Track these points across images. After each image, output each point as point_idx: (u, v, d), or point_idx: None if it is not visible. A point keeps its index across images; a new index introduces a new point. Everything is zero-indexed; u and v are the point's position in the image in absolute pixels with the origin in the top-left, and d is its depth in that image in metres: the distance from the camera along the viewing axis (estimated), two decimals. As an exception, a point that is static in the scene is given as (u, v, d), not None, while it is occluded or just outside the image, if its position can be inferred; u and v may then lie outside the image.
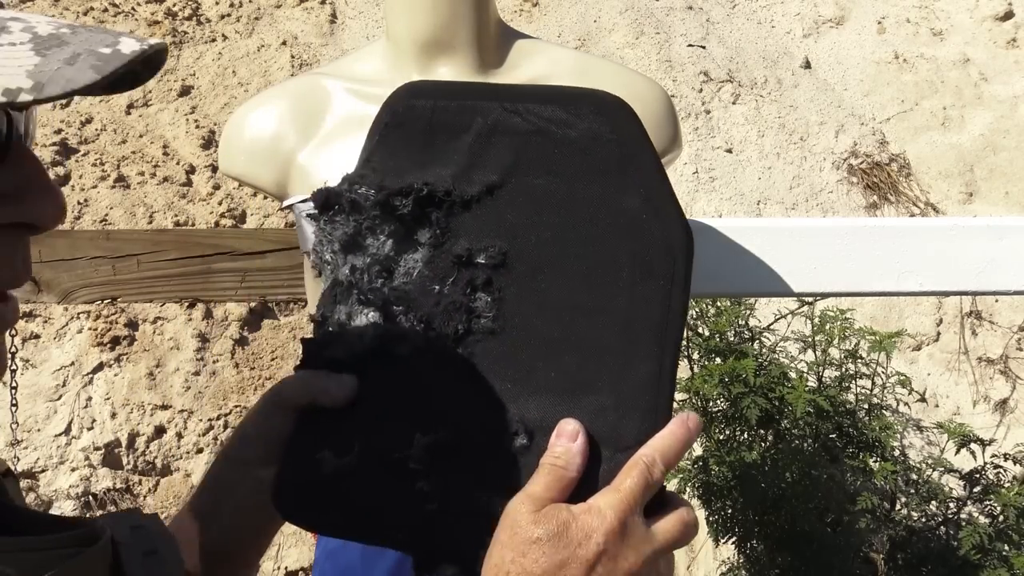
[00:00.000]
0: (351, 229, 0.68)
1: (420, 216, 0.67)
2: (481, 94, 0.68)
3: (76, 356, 2.63)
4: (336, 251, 0.69)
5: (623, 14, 4.02)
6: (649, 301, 0.61)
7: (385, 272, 0.67)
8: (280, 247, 1.34)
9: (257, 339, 2.83)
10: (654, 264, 0.61)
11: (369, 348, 0.66)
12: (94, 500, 2.44)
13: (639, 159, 0.62)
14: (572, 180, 0.63)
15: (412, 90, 0.70)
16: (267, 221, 3.07)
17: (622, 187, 0.62)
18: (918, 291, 1.03)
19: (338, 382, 0.66)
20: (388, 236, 0.67)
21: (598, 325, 0.62)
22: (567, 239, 0.63)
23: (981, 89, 4.00)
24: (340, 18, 3.94)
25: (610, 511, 0.55)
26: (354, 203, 0.68)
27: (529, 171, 0.65)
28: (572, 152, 0.64)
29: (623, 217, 0.62)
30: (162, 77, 3.43)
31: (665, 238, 0.61)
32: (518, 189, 0.65)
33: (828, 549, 1.95)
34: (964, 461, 2.11)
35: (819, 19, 4.27)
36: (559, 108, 0.64)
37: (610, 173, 0.62)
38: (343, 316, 0.68)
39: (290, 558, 2.51)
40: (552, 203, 0.64)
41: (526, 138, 0.65)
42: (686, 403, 2.19)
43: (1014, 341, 3.25)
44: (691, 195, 3.50)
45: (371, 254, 0.68)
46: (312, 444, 0.66)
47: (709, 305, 2.22)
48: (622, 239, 0.62)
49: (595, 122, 0.63)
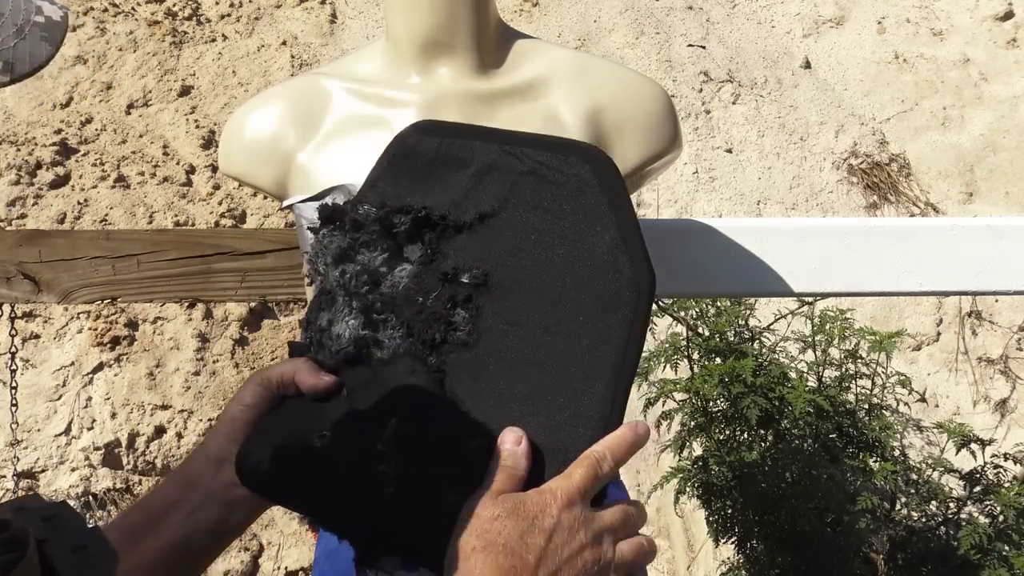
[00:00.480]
0: (346, 243, 0.75)
1: (414, 235, 0.73)
2: (484, 136, 0.76)
3: (76, 356, 2.63)
4: (328, 263, 0.75)
5: (623, 14, 4.02)
6: (612, 330, 0.68)
7: (372, 282, 0.73)
8: (280, 247, 1.34)
9: (257, 339, 2.83)
10: (620, 298, 0.68)
11: (348, 352, 0.72)
12: (94, 500, 2.44)
13: (617, 205, 0.70)
14: (557, 217, 0.71)
15: (423, 127, 0.78)
16: (267, 221, 3.08)
17: (600, 228, 0.69)
18: (918, 291, 1.03)
19: (320, 373, 0.72)
20: (381, 252, 0.74)
21: (564, 347, 0.68)
22: (545, 268, 0.70)
23: (981, 89, 4.00)
24: (340, 18, 3.94)
25: (560, 492, 0.61)
26: (356, 222, 0.74)
27: (519, 206, 0.72)
28: (559, 193, 0.71)
29: (598, 254, 0.69)
30: (162, 77, 3.43)
31: (633, 276, 0.68)
32: (507, 220, 0.72)
33: (828, 549, 1.95)
34: (964, 461, 2.11)
35: (819, 19, 4.27)
36: (552, 154, 0.72)
37: (591, 215, 0.70)
38: (324, 322, 0.74)
39: (290, 558, 2.51)
40: (536, 235, 0.71)
41: (520, 177, 0.72)
42: (686, 403, 2.19)
43: (1014, 341, 3.25)
44: (691, 195, 3.50)
45: (362, 264, 0.74)
46: (286, 422, 0.71)
47: (709, 305, 2.22)
48: (594, 273, 0.69)
49: (583, 170, 0.71)
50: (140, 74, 3.42)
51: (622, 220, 0.69)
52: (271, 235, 1.39)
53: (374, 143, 0.99)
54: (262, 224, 3.05)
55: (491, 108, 0.98)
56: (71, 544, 0.49)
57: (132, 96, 3.35)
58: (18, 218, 2.84)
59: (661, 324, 2.38)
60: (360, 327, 0.72)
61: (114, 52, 3.46)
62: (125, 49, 3.48)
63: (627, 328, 0.67)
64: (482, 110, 0.98)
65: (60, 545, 0.49)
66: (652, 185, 3.40)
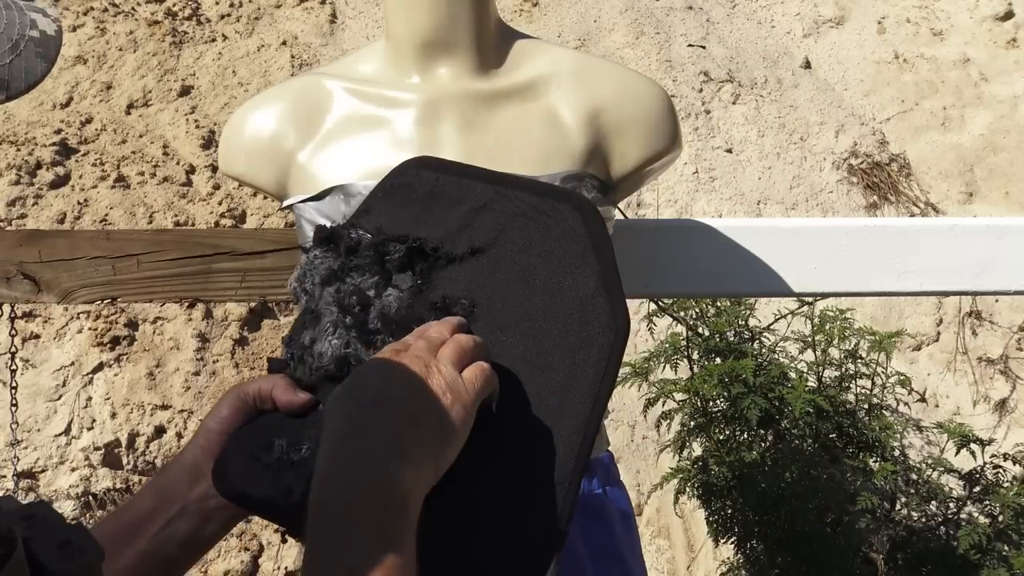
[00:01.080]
0: (336, 266, 0.77)
1: (405, 265, 0.76)
2: (481, 177, 0.79)
3: (76, 356, 2.63)
4: (316, 283, 0.78)
5: (623, 14, 4.02)
6: (587, 365, 0.71)
7: (362, 304, 0.76)
8: (280, 247, 1.34)
9: (257, 339, 2.83)
10: (596, 337, 0.71)
11: (328, 370, 0.74)
12: (94, 500, 2.44)
13: (600, 251, 0.73)
14: (543, 258, 0.74)
15: (421, 163, 0.81)
16: (267, 221, 3.08)
17: (583, 271, 0.73)
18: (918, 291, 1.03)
19: (297, 390, 0.74)
20: (371, 276, 0.76)
21: (542, 379, 0.72)
22: (529, 304, 0.74)
23: (981, 89, 4.00)
24: (340, 18, 3.94)
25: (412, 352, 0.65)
26: (350, 247, 0.77)
27: (509, 244, 0.75)
28: (548, 236, 0.75)
29: (579, 295, 0.72)
30: (162, 77, 3.43)
31: (611, 317, 0.71)
32: (496, 257, 0.76)
33: (828, 549, 1.95)
34: (964, 461, 2.11)
35: (819, 19, 4.27)
36: (544, 200, 0.76)
37: (576, 259, 0.73)
38: (307, 340, 0.76)
39: (290, 558, 2.51)
40: (522, 274, 0.74)
41: (512, 218, 0.76)
42: (686, 403, 2.19)
43: (1014, 341, 3.25)
44: (691, 195, 3.50)
45: (353, 285, 0.76)
46: (264, 434, 0.73)
47: (709, 305, 2.22)
48: (574, 312, 0.72)
49: (572, 217, 0.74)
50: (140, 74, 3.42)
51: (605, 266, 0.72)
52: (271, 235, 1.39)
53: (374, 143, 0.99)
54: (262, 224, 3.05)
55: (491, 108, 0.98)
56: (55, 541, 0.49)
57: (132, 96, 3.35)
58: (18, 218, 2.84)
59: (661, 324, 2.38)
60: (343, 346, 0.74)
61: (114, 52, 3.46)
62: (125, 49, 3.48)
63: (601, 367, 0.70)
64: (482, 110, 0.98)
65: (44, 542, 0.49)
66: (652, 185, 3.40)
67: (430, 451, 0.61)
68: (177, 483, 0.73)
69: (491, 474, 0.68)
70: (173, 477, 0.74)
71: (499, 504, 0.68)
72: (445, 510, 0.65)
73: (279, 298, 2.64)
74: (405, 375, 0.63)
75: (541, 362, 0.71)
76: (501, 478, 0.69)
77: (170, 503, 0.72)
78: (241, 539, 2.49)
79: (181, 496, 0.72)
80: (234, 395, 0.75)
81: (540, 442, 0.70)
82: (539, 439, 0.70)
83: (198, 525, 0.72)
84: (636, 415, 2.85)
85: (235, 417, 0.74)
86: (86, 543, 0.50)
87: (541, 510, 0.68)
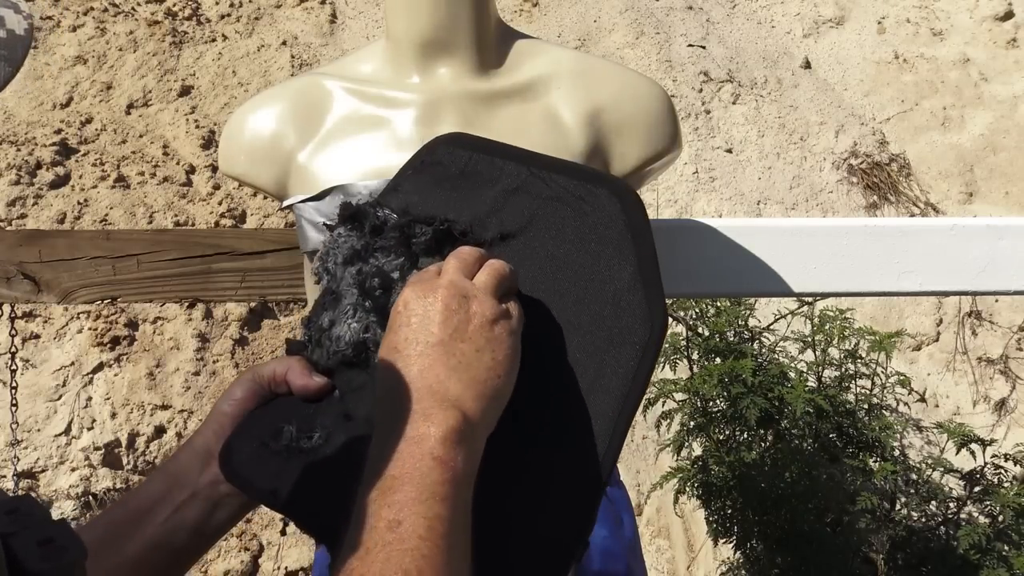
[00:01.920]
0: (359, 245, 0.73)
1: (431, 248, 0.72)
2: (515, 157, 0.74)
3: (76, 356, 2.63)
4: (339, 263, 0.74)
5: (623, 14, 4.02)
6: (621, 363, 0.67)
7: (383, 287, 0.71)
8: (280, 247, 1.34)
9: (257, 339, 2.83)
10: (633, 333, 0.67)
11: (346, 354, 0.71)
12: (94, 500, 2.44)
13: (639, 241, 0.69)
14: (577, 246, 0.70)
15: (454, 140, 0.77)
16: (267, 221, 3.08)
17: (620, 261, 0.69)
18: (918, 291, 1.03)
19: (312, 374, 0.71)
20: (396, 257, 0.72)
21: (571, 374, 0.68)
22: (560, 294, 0.70)
23: (981, 89, 4.00)
24: (340, 18, 3.94)
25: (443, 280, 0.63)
26: (375, 226, 0.73)
27: (541, 230, 0.71)
28: (583, 223, 0.70)
29: (614, 287, 0.68)
30: (162, 77, 3.43)
31: (648, 312, 0.67)
32: (528, 243, 0.71)
33: (828, 549, 1.95)
34: (964, 461, 2.11)
35: (819, 19, 4.27)
36: (580, 183, 0.71)
37: (612, 248, 0.69)
38: (326, 322, 0.72)
39: (290, 558, 2.51)
40: (555, 262, 0.70)
41: (545, 202, 0.71)
42: (686, 403, 2.19)
43: (1014, 341, 3.25)
44: (691, 195, 3.50)
45: (375, 267, 0.72)
46: (274, 419, 0.70)
47: (709, 305, 2.22)
48: (608, 305, 0.68)
49: (609, 202, 0.70)
50: (140, 74, 3.42)
51: (643, 257, 0.68)
52: (271, 235, 1.39)
53: (374, 143, 0.99)
54: (262, 224, 3.05)
55: (491, 108, 0.98)
56: (36, 538, 0.47)
57: (132, 96, 3.35)
58: (18, 218, 2.84)
59: (661, 324, 2.37)
60: (363, 330, 0.71)
61: (114, 52, 3.46)
62: (125, 49, 3.48)
63: (635, 364, 0.66)
64: (482, 110, 0.98)
65: (25, 538, 0.47)
66: (652, 185, 3.40)
67: (484, 393, 0.59)
68: (188, 468, 0.71)
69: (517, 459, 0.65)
70: (184, 462, 0.71)
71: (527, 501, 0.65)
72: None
73: (279, 298, 2.64)
74: (444, 311, 0.60)
75: (571, 357, 0.68)
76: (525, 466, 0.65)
77: (180, 488, 0.70)
78: (241, 539, 2.49)
79: (191, 481, 0.70)
80: (249, 377, 0.73)
81: (568, 439, 0.67)
82: (567, 438, 0.67)
83: (208, 511, 0.70)
84: (636, 415, 2.85)
85: (249, 400, 0.72)
86: (69, 541, 0.48)
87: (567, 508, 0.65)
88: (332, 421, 0.70)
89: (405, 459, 0.55)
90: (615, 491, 1.10)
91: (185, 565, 0.72)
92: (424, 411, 0.57)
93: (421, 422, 0.56)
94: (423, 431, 0.56)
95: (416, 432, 0.56)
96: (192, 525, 0.70)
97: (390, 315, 0.63)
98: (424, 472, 0.54)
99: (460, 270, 0.63)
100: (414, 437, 0.56)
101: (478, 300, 0.61)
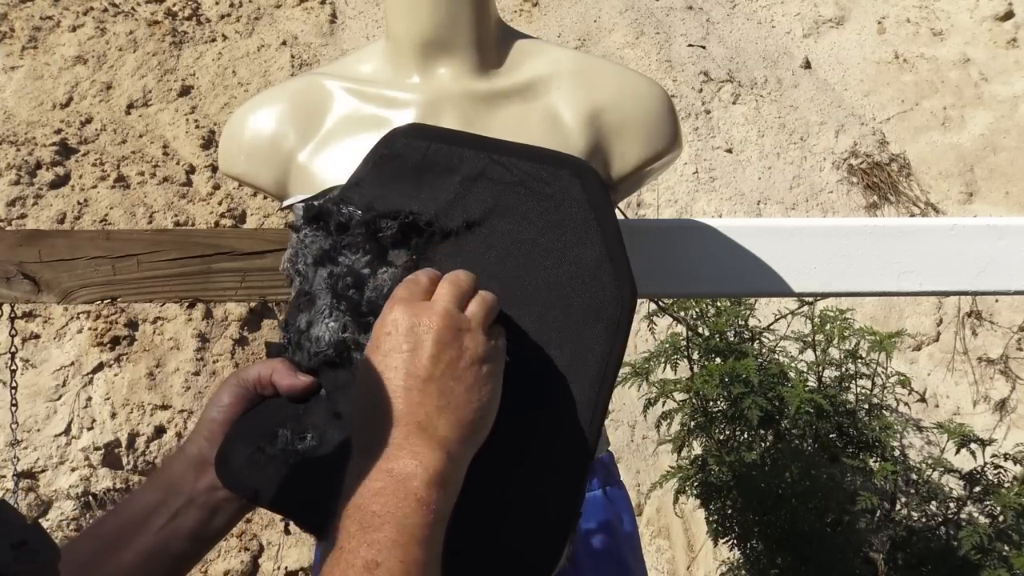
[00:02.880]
0: (327, 245, 0.74)
1: (399, 240, 0.73)
2: (474, 144, 0.75)
3: (76, 356, 2.63)
4: (308, 264, 0.75)
5: (623, 14, 4.02)
6: (594, 341, 0.68)
7: (356, 286, 0.72)
8: (280, 247, 1.33)
9: (257, 339, 2.83)
10: (603, 311, 0.68)
11: (327, 355, 0.72)
12: (94, 500, 2.44)
13: (603, 221, 0.70)
14: (542, 229, 0.71)
15: (411, 131, 0.78)
16: (267, 221, 3.08)
17: (585, 241, 0.70)
18: (918, 291, 1.03)
19: (297, 373, 0.71)
20: (364, 254, 0.73)
21: (547, 357, 0.69)
22: (530, 279, 0.70)
23: (981, 89, 4.00)
24: (340, 18, 3.94)
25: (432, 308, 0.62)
26: (340, 224, 0.74)
27: (506, 215, 0.72)
28: (546, 205, 0.71)
29: (582, 266, 0.69)
30: (162, 77, 3.43)
31: (617, 289, 0.68)
32: (494, 229, 0.72)
33: (828, 549, 1.95)
34: (964, 461, 2.11)
35: (819, 19, 4.26)
36: (541, 167, 0.72)
37: (577, 229, 0.70)
38: (303, 324, 0.73)
39: (290, 558, 2.51)
40: (522, 246, 0.71)
41: (508, 187, 0.72)
42: (686, 403, 2.19)
43: (1014, 341, 3.25)
44: (691, 195, 3.50)
45: (346, 266, 0.73)
46: (265, 422, 0.71)
47: (709, 305, 2.22)
48: (578, 285, 0.69)
49: (570, 183, 0.71)
50: (140, 74, 3.42)
51: (607, 235, 0.70)
52: (271, 235, 1.38)
53: (374, 143, 0.99)
54: (262, 224, 3.05)
55: (491, 108, 0.98)
56: (9, 541, 0.47)
57: (132, 96, 3.35)
58: (18, 218, 2.84)
59: (661, 324, 2.38)
60: (340, 330, 0.72)
61: (114, 52, 3.46)
62: (125, 49, 3.48)
63: (609, 340, 0.67)
64: (482, 110, 0.98)
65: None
66: (652, 185, 3.40)
67: (469, 435, 0.59)
68: (182, 475, 0.71)
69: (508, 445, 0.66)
70: (178, 470, 0.72)
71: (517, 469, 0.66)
72: None
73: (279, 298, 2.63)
74: (438, 344, 0.59)
75: (546, 339, 0.69)
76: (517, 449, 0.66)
77: (176, 496, 0.70)
78: (241, 539, 2.49)
79: (187, 488, 0.71)
80: (234, 382, 0.73)
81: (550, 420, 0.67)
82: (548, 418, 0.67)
83: (206, 517, 0.71)
84: (636, 415, 2.85)
85: (237, 404, 0.72)
86: (42, 544, 0.49)
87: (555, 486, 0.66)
88: (323, 420, 0.70)
89: (388, 496, 0.54)
90: (615, 491, 1.10)
91: (183, 571, 0.72)
92: (412, 449, 0.56)
93: (408, 459, 0.56)
94: (410, 470, 0.56)
95: (403, 470, 0.56)
96: (189, 531, 0.70)
97: (374, 329, 0.63)
98: (407, 513, 0.54)
99: (455, 298, 0.62)
100: (400, 475, 0.55)
101: (471, 335, 0.61)
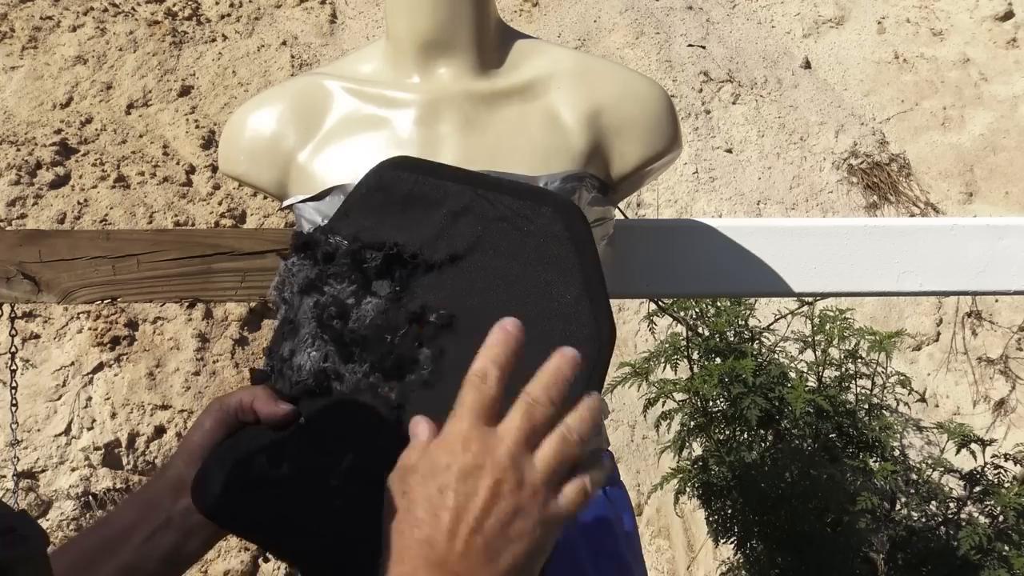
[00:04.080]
0: (313, 274, 0.75)
1: (383, 271, 0.74)
2: (459, 178, 0.76)
3: (76, 356, 2.63)
4: (295, 292, 0.76)
5: (623, 14, 4.02)
6: None
7: (340, 315, 0.73)
8: (280, 247, 1.33)
9: (257, 339, 2.83)
10: (580, 349, 0.67)
11: (307, 384, 0.73)
12: (94, 500, 2.44)
13: (584, 258, 0.70)
14: (524, 265, 0.71)
15: (398, 164, 0.79)
16: (267, 221, 3.07)
17: (566, 279, 0.70)
18: (918, 291, 1.03)
19: (278, 402, 0.72)
20: (349, 284, 0.74)
21: None
22: (511, 313, 0.69)
23: (981, 89, 4.00)
24: (340, 18, 3.94)
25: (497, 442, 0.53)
26: (327, 253, 0.75)
27: (489, 250, 0.73)
28: (529, 242, 0.72)
29: (561, 304, 0.69)
30: (162, 77, 3.43)
31: (594, 329, 0.68)
32: (477, 264, 0.73)
33: (828, 549, 1.95)
34: (964, 461, 2.11)
35: (819, 19, 4.27)
36: (524, 203, 0.73)
37: (558, 266, 0.70)
38: (286, 352, 0.75)
39: (290, 558, 2.51)
40: (503, 281, 0.71)
41: (491, 222, 0.73)
42: (686, 403, 2.19)
43: (1014, 341, 3.25)
44: (691, 195, 3.50)
45: (331, 296, 0.74)
46: (243, 449, 0.72)
47: (709, 305, 2.22)
48: (556, 322, 0.69)
49: (553, 220, 0.71)
50: (140, 74, 3.42)
51: (588, 274, 0.69)
52: (271, 235, 1.38)
53: (374, 143, 0.99)
54: (262, 224, 3.05)
55: (491, 108, 0.98)
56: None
57: (132, 96, 3.35)
58: (18, 218, 2.84)
59: (661, 324, 2.38)
60: (322, 360, 0.73)
61: (114, 52, 3.46)
62: (125, 49, 3.48)
63: (584, 378, 0.66)
64: (482, 110, 0.98)
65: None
66: (652, 185, 3.40)
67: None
68: (161, 496, 0.72)
69: None
70: (156, 491, 0.73)
71: None
72: None
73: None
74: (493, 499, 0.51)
75: (522, 376, 0.66)
76: None
77: (154, 516, 0.71)
78: (241, 539, 2.49)
79: (165, 509, 0.72)
80: (216, 407, 0.74)
81: None
82: None
83: (181, 540, 0.72)
84: (636, 415, 2.85)
85: (218, 429, 0.73)
86: (30, 530, 0.48)
87: None
88: (299, 449, 0.71)
89: None
90: (615, 491, 1.10)
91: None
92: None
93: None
94: None
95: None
96: (164, 553, 0.71)
97: (404, 453, 0.58)
98: None
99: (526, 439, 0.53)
100: None
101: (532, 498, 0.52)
